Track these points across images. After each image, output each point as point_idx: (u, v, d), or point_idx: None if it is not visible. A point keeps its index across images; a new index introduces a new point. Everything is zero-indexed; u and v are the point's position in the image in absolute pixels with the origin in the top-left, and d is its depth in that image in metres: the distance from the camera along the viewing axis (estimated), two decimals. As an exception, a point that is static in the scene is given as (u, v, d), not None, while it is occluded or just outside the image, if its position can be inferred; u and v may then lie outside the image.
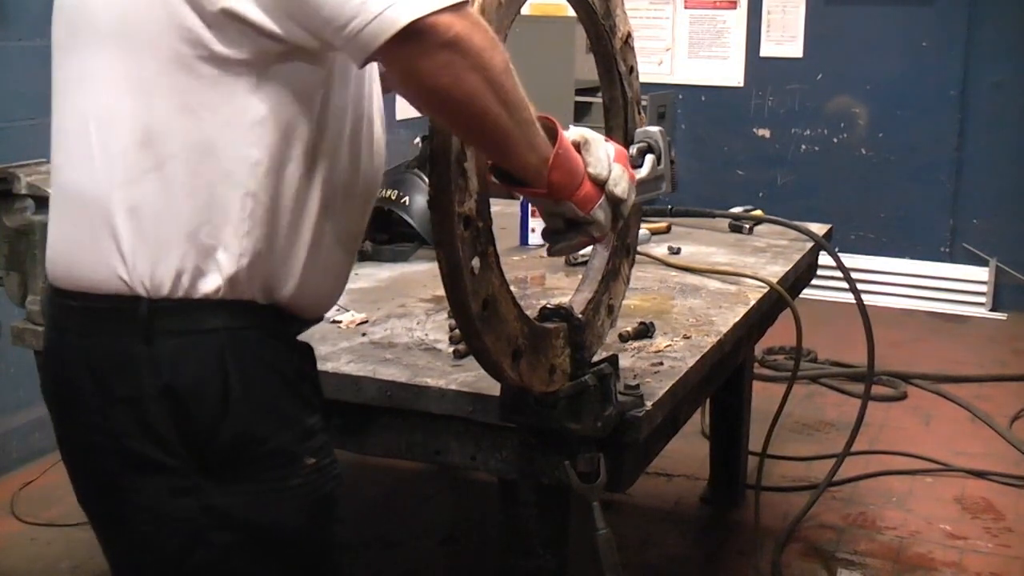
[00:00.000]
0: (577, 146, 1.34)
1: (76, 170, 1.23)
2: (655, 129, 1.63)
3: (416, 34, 1.09)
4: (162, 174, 1.18)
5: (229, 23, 1.15)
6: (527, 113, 1.21)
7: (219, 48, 1.16)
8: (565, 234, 1.37)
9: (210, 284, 1.20)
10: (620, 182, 1.37)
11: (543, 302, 1.60)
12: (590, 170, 1.34)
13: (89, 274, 1.22)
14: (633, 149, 1.59)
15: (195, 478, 1.22)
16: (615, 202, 1.37)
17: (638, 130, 1.65)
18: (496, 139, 1.21)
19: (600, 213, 1.35)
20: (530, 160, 1.25)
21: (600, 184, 1.35)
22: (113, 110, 1.19)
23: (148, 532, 1.25)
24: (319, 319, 1.40)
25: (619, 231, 1.65)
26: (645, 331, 1.91)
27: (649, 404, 1.58)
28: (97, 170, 1.20)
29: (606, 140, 1.39)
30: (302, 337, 1.36)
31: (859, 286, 2.61)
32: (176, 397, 1.20)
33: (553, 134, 1.28)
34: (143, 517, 1.24)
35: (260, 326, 1.25)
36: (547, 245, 1.41)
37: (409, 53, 1.11)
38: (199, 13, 1.15)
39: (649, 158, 1.58)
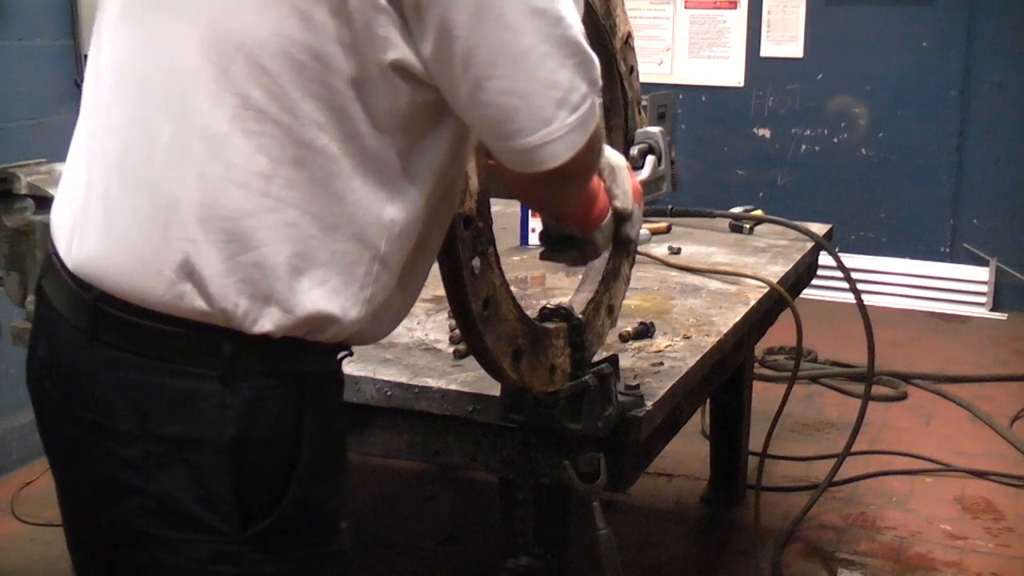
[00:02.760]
0: (600, 172, 1.34)
1: (164, 176, 1.05)
2: (655, 130, 1.63)
3: (560, 168, 1.07)
4: (281, 217, 1.04)
5: (393, 75, 1.03)
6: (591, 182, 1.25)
7: (373, 94, 1.04)
8: (560, 247, 1.39)
9: (310, 329, 1.08)
10: (636, 224, 1.39)
11: (543, 302, 1.60)
12: (616, 203, 1.36)
13: (154, 288, 1.05)
14: (634, 150, 1.59)
15: (240, 543, 1.08)
16: (624, 240, 1.39)
17: (638, 131, 1.65)
18: (559, 214, 1.27)
19: (599, 236, 1.36)
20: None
21: (621, 216, 1.37)
22: (234, 127, 1.03)
23: None
24: None
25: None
26: (645, 331, 1.91)
27: (649, 404, 1.58)
28: (200, 188, 1.04)
29: (626, 166, 1.40)
30: None
31: (859, 286, 2.61)
32: (244, 451, 1.06)
33: None
34: (167, 575, 1.10)
35: (334, 367, 1.16)
36: (541, 249, 1.42)
37: (545, 179, 1.09)
38: (360, 63, 1.02)
39: (650, 159, 1.59)
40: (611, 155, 1.36)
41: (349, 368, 1.71)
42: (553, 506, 1.64)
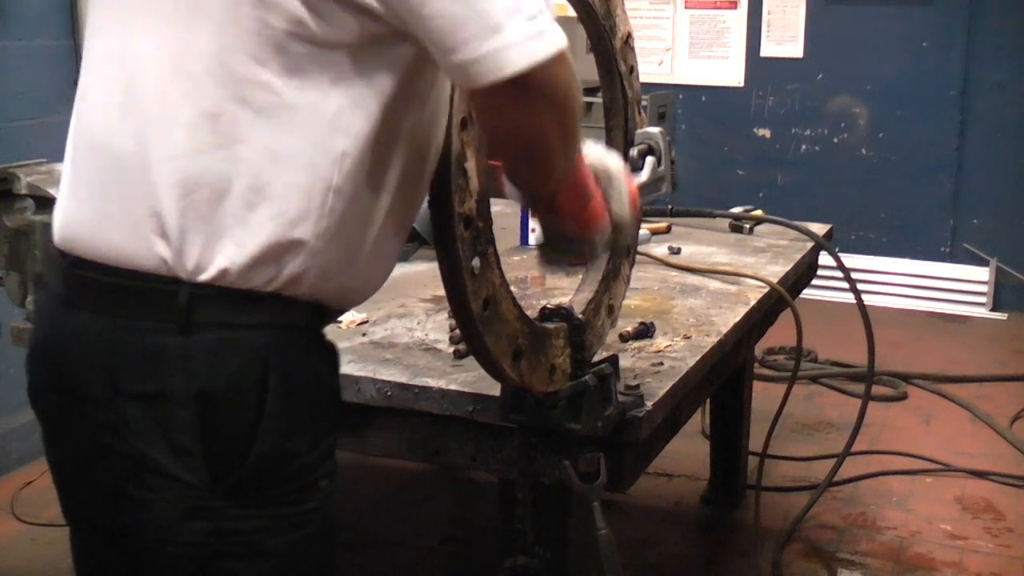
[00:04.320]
0: (597, 176, 1.33)
1: (117, 130, 1.10)
2: (655, 130, 1.63)
3: (521, 82, 1.04)
4: (231, 153, 1.06)
5: (334, 7, 1.05)
6: (577, 146, 1.21)
7: (315, 27, 1.05)
8: (558, 246, 1.38)
9: (266, 275, 1.09)
10: (631, 230, 1.39)
11: (543, 302, 1.60)
12: (613, 207, 1.35)
13: (119, 245, 1.09)
14: (634, 151, 1.59)
15: (212, 498, 1.10)
16: (618, 250, 1.39)
17: (638, 131, 1.65)
18: (542, 170, 1.20)
19: (598, 240, 1.36)
20: (554, 183, 1.24)
21: (616, 223, 1.36)
22: (178, 75, 1.06)
23: (153, 553, 1.12)
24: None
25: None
26: (645, 331, 1.91)
27: (649, 404, 1.58)
28: (148, 135, 1.07)
29: (623, 171, 1.38)
30: None
31: (859, 286, 2.61)
32: (208, 403, 1.08)
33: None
34: (149, 535, 1.12)
35: (305, 324, 1.16)
36: (539, 249, 1.42)
37: (507, 98, 1.06)
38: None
39: (649, 160, 1.59)
40: (608, 160, 1.36)
41: (349, 368, 1.72)
42: (553, 506, 1.64)
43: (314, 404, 1.17)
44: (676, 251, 2.59)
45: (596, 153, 1.35)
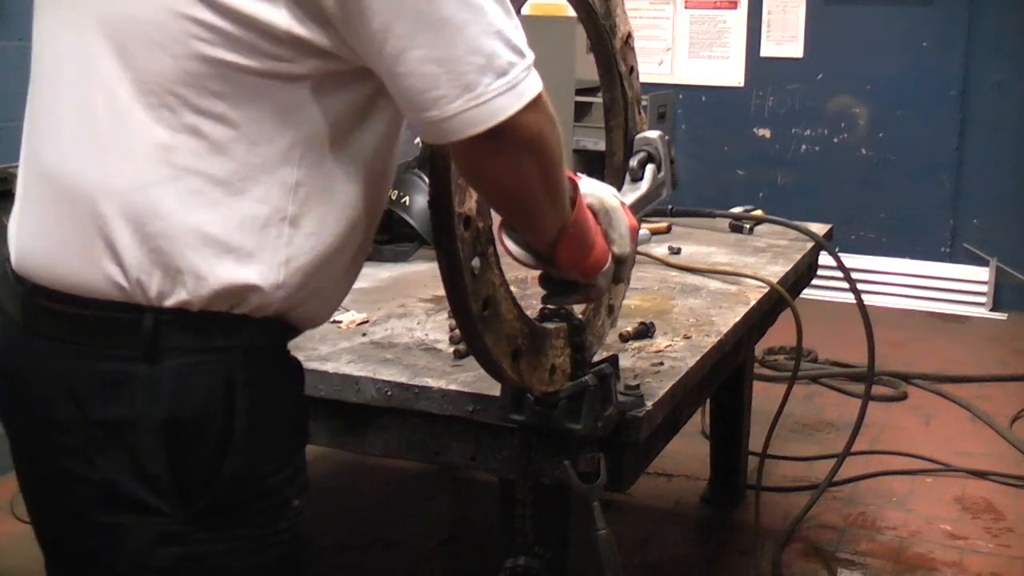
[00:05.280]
0: (595, 213, 1.32)
1: (69, 159, 1.09)
2: (654, 135, 1.63)
3: (494, 134, 1.03)
4: (185, 185, 1.05)
5: (290, 47, 1.04)
6: (564, 194, 1.20)
7: (273, 64, 1.04)
8: (562, 291, 1.38)
9: (229, 303, 1.08)
10: (631, 264, 1.38)
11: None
12: (614, 248, 1.34)
13: (77, 274, 1.08)
14: (633, 161, 1.60)
15: (183, 523, 1.09)
16: (617, 279, 1.39)
17: (637, 137, 1.65)
18: (533, 221, 1.21)
19: (602, 280, 1.35)
20: (549, 235, 1.24)
21: (619, 260, 1.35)
22: (133, 105, 1.05)
23: None
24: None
25: None
26: (645, 331, 1.91)
27: (649, 404, 1.58)
28: (102, 166, 1.06)
29: (621, 206, 1.36)
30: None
31: (859, 286, 2.61)
32: (177, 429, 1.07)
33: (572, 199, 1.23)
34: (120, 561, 1.11)
35: (271, 343, 1.15)
36: (543, 294, 1.41)
37: (483, 151, 1.06)
38: (252, 38, 1.03)
39: (650, 168, 1.59)
40: (603, 195, 1.34)
41: (349, 368, 1.72)
42: (553, 506, 1.64)
43: (282, 423, 1.16)
44: (676, 251, 2.59)
45: (591, 188, 1.33)
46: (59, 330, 1.10)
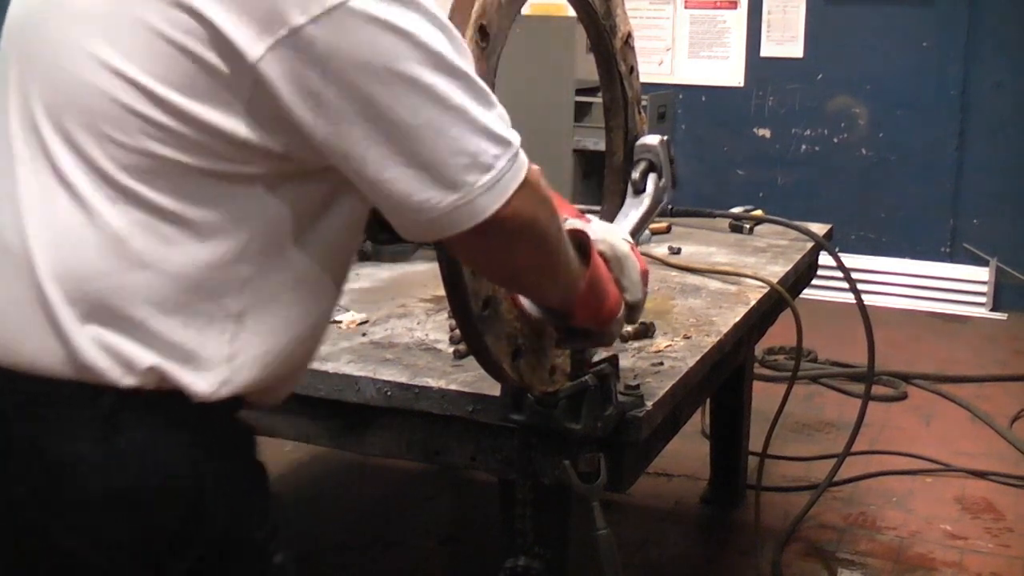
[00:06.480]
0: (607, 261, 1.32)
1: (21, 234, 1.04)
2: (654, 141, 1.63)
3: (485, 228, 1.03)
4: (137, 277, 1.03)
5: (252, 148, 1.02)
6: (569, 266, 1.21)
7: (228, 165, 1.02)
8: (576, 338, 1.38)
9: (181, 389, 1.06)
10: (640, 310, 1.39)
11: (543, 302, 1.60)
12: (627, 297, 1.34)
13: (17, 349, 1.04)
14: (636, 173, 1.60)
15: None
16: (631, 322, 1.40)
17: (637, 144, 1.65)
18: (539, 294, 1.24)
19: (616, 327, 1.36)
20: (560, 301, 1.25)
21: (632, 306, 1.36)
22: (93, 194, 1.02)
23: None
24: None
25: None
26: (645, 331, 1.91)
27: (649, 404, 1.58)
28: (53, 247, 1.03)
29: (631, 250, 1.37)
30: None
31: (859, 286, 2.61)
32: (141, 502, 1.04)
33: (585, 253, 1.25)
34: None
35: (228, 413, 1.12)
36: (556, 338, 1.42)
37: (475, 244, 1.06)
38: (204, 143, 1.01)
39: (652, 179, 1.59)
40: (616, 244, 1.34)
41: (349, 368, 1.72)
42: (553, 506, 1.64)
43: (252, 481, 1.15)
44: (676, 251, 2.59)
45: (602, 234, 1.33)
46: (12, 406, 1.05)
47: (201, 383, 1.06)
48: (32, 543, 1.07)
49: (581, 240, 1.25)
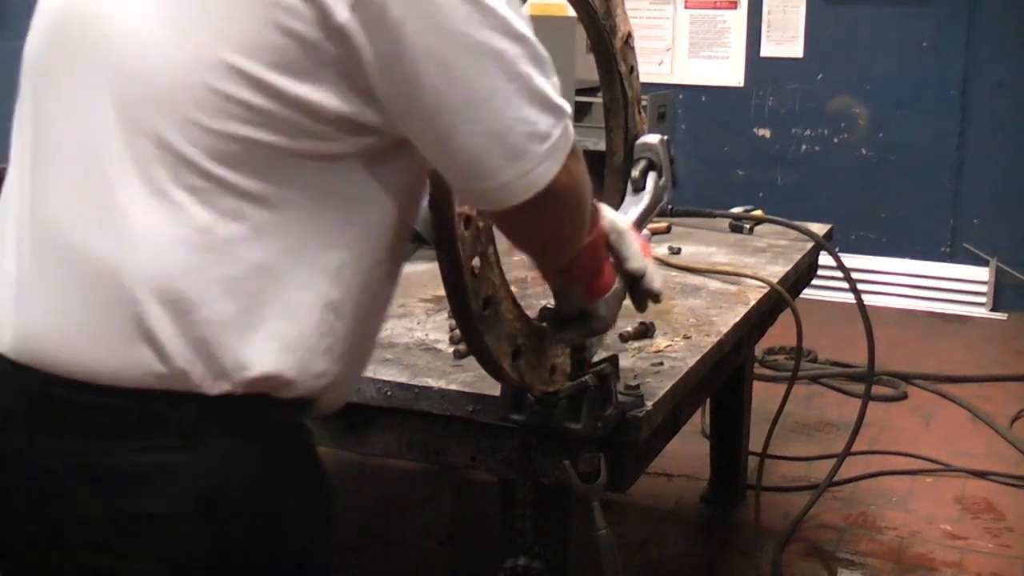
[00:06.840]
0: (607, 236, 1.33)
1: (96, 239, 1.00)
2: (654, 140, 1.64)
3: (542, 196, 1.04)
4: (226, 272, 1.00)
5: (340, 121, 1.01)
6: (588, 225, 1.22)
7: (313, 144, 1.00)
8: (565, 326, 1.39)
9: (270, 388, 1.03)
10: (656, 278, 1.39)
11: (543, 302, 1.60)
12: (631, 265, 1.35)
13: (101, 361, 1.00)
14: (635, 171, 1.60)
15: None
16: (651, 295, 1.40)
17: (637, 143, 1.65)
18: (560, 257, 1.24)
19: (603, 307, 1.36)
20: (568, 260, 1.26)
21: (637, 278, 1.36)
22: (173, 187, 0.99)
23: None
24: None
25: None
26: (645, 331, 1.91)
27: (649, 404, 1.58)
28: (135, 250, 0.99)
29: (631, 228, 1.38)
30: None
31: (859, 286, 2.61)
32: (222, 518, 1.01)
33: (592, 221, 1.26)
34: None
35: (298, 420, 1.10)
36: (551, 330, 1.42)
37: (530, 214, 1.07)
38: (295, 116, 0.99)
39: (651, 178, 1.59)
40: (615, 219, 1.35)
41: (349, 368, 1.72)
42: (553, 506, 1.64)
43: (327, 495, 1.12)
44: (676, 251, 2.59)
45: (602, 209, 1.34)
46: (82, 422, 1.01)
47: (299, 371, 1.04)
48: (87, 563, 1.03)
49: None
